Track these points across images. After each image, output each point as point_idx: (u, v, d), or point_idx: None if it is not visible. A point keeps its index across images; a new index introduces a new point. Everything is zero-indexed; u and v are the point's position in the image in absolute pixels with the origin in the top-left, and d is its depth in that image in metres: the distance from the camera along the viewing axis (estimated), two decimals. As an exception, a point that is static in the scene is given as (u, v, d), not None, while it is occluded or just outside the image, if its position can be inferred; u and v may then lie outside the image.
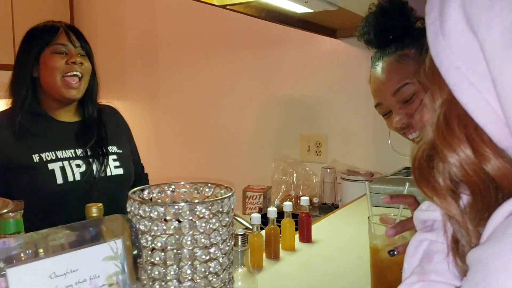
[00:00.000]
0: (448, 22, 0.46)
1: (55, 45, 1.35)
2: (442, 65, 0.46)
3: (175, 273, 0.67)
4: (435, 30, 0.47)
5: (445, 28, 0.46)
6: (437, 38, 0.47)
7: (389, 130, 1.16)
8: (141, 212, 0.67)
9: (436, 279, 0.54)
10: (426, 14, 0.50)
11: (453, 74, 0.45)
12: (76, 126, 1.45)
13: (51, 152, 1.35)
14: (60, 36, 1.36)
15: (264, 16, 1.74)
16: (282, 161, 2.33)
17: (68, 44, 1.36)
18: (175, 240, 0.66)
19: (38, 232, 0.58)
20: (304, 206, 1.34)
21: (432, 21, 0.48)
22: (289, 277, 1.13)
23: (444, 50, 0.46)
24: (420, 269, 0.56)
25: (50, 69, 1.34)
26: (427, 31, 0.49)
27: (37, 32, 1.37)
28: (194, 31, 2.64)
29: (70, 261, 0.58)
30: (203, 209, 0.67)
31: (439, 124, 0.47)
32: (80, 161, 1.38)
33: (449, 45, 0.46)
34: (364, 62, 2.25)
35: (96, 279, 0.60)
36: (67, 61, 1.35)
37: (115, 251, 0.63)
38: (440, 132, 0.47)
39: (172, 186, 0.80)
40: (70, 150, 1.38)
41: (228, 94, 2.58)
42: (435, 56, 0.47)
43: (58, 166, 1.34)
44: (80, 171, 1.36)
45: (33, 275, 0.54)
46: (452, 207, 0.48)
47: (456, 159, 0.46)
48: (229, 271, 0.73)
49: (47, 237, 0.59)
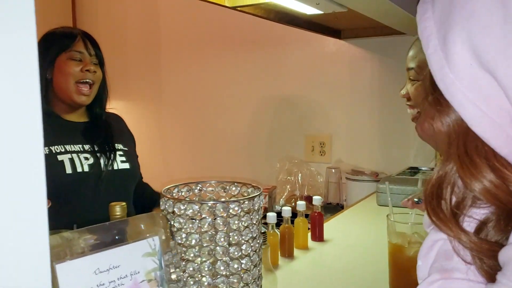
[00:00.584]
0: (454, 56, 0.47)
1: (72, 52, 1.39)
2: (454, 99, 0.48)
3: (208, 269, 0.68)
4: (439, 61, 0.48)
5: (452, 61, 0.47)
6: (443, 70, 0.48)
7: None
8: (175, 210, 0.68)
9: (459, 277, 0.56)
10: (422, 40, 0.51)
11: (470, 109, 0.47)
12: (83, 126, 1.48)
13: (60, 145, 1.38)
14: (77, 43, 1.40)
15: (273, 18, 1.76)
16: (287, 161, 2.35)
17: (84, 51, 1.40)
18: (209, 237, 0.68)
19: (61, 234, 0.60)
20: (316, 205, 1.36)
21: (432, 51, 0.49)
22: (306, 275, 1.15)
23: (454, 84, 0.47)
24: (440, 267, 0.58)
25: (65, 75, 1.38)
26: (429, 59, 0.50)
27: (55, 37, 1.41)
28: (197, 31, 2.66)
29: (113, 258, 0.59)
30: (236, 207, 0.69)
31: (463, 160, 0.50)
32: (88, 154, 1.41)
33: (460, 79, 0.47)
34: (368, 62, 2.28)
35: (136, 275, 0.61)
36: (81, 69, 1.39)
37: (153, 247, 0.64)
38: (465, 167, 0.49)
39: (200, 185, 0.82)
40: (78, 145, 1.42)
41: (232, 94, 2.59)
42: (444, 88, 0.49)
43: (67, 158, 1.37)
44: (88, 163, 1.40)
45: (80, 270, 0.56)
46: (462, 237, 0.52)
47: (481, 187, 0.49)
48: (259, 267, 0.74)
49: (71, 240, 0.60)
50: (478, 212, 0.54)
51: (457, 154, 0.51)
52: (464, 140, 0.50)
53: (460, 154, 0.51)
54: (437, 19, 0.50)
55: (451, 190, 0.54)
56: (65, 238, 0.59)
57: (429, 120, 0.55)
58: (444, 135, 0.53)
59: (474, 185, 0.50)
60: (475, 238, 0.52)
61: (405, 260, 0.91)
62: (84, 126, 1.48)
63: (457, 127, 0.51)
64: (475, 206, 0.54)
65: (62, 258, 0.56)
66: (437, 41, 0.50)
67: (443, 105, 0.51)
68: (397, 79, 2.21)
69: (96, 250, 0.59)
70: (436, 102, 0.52)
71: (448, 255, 0.58)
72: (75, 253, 0.58)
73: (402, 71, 2.20)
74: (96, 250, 0.59)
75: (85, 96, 1.41)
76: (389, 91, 2.25)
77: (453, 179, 0.53)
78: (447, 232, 0.54)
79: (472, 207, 0.54)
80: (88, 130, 1.47)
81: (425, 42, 0.51)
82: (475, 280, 0.54)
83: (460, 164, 0.51)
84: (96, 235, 0.61)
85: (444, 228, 0.54)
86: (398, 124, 2.24)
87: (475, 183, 0.50)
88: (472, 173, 0.49)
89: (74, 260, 0.55)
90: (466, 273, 0.55)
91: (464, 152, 0.50)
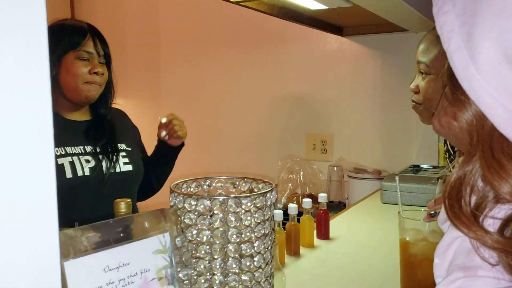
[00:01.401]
0: (481, 55, 0.45)
1: (81, 51, 1.34)
2: (481, 100, 0.46)
3: (220, 267, 0.66)
4: (463, 59, 0.46)
5: (478, 60, 0.45)
6: (468, 70, 0.46)
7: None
8: (186, 206, 0.66)
9: (484, 274, 0.53)
10: (442, 36, 0.48)
11: (499, 111, 0.45)
12: (85, 125, 1.44)
13: (60, 147, 1.34)
14: (87, 42, 1.35)
15: (276, 13, 1.74)
16: (288, 159, 2.33)
17: (93, 52, 1.36)
18: (221, 234, 0.66)
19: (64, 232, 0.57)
20: (322, 203, 1.34)
21: (455, 48, 0.47)
22: (313, 274, 1.12)
23: (481, 85, 0.45)
24: (462, 264, 0.56)
25: (73, 75, 1.34)
26: (451, 58, 0.47)
27: (64, 32, 1.35)
28: (197, 28, 2.63)
29: (122, 255, 0.57)
30: (249, 203, 0.67)
31: (490, 163, 0.48)
32: (90, 157, 1.37)
33: (487, 80, 0.45)
34: (370, 60, 2.26)
35: (147, 272, 0.59)
36: (90, 70, 1.35)
37: (163, 244, 0.62)
38: (493, 170, 0.48)
39: (209, 180, 0.79)
40: (79, 146, 1.38)
41: (232, 92, 2.57)
42: (469, 88, 0.46)
43: (68, 161, 1.33)
44: (89, 166, 1.36)
45: (89, 267, 0.53)
46: (486, 238, 0.50)
47: (509, 188, 0.47)
48: (271, 265, 0.72)
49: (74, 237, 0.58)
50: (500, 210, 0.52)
51: (483, 157, 0.49)
52: (489, 142, 0.48)
53: (486, 157, 0.49)
54: (459, 13, 0.48)
55: (471, 191, 0.52)
56: (68, 236, 0.57)
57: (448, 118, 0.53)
58: (465, 133, 0.51)
59: (503, 187, 0.48)
60: (500, 237, 0.50)
61: (417, 258, 0.89)
62: (87, 126, 1.44)
63: (481, 127, 0.49)
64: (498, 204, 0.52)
65: (66, 256, 0.54)
66: (460, 37, 0.47)
67: (465, 104, 0.49)
68: (400, 77, 2.19)
69: (104, 247, 0.56)
70: (457, 100, 0.50)
71: (470, 252, 0.56)
72: (78, 251, 0.56)
73: (405, 69, 2.19)
74: (104, 247, 0.56)
75: (92, 96, 1.38)
76: (391, 88, 2.23)
77: (473, 180, 0.52)
78: (469, 235, 0.52)
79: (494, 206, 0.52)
80: (91, 130, 1.43)
81: (445, 38, 0.49)
82: (501, 278, 0.52)
83: (487, 168, 0.49)
84: (100, 233, 0.59)
85: (466, 231, 0.52)
86: (400, 122, 2.22)
87: (504, 186, 0.48)
88: (501, 176, 0.48)
89: (82, 257, 0.53)
90: (491, 270, 0.53)
91: (490, 155, 0.48)
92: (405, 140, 2.22)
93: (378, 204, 1.76)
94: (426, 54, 1.07)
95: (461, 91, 0.48)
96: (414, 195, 1.69)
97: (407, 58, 2.16)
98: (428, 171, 2.05)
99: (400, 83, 2.19)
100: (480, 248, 0.52)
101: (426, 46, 1.08)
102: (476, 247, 0.52)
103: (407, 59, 2.16)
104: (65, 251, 0.55)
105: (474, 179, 0.51)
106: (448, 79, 0.52)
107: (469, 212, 0.52)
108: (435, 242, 0.88)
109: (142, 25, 2.79)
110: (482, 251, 0.52)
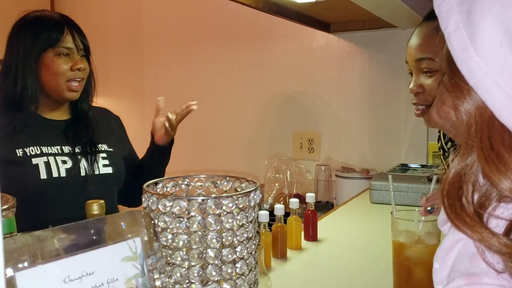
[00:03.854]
0: (481, 35, 0.41)
1: (60, 48, 1.27)
2: (480, 84, 0.42)
3: (199, 274, 0.60)
4: (462, 41, 0.42)
5: (478, 41, 0.41)
6: (467, 52, 0.42)
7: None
8: (160, 207, 0.60)
9: (489, 282, 0.48)
10: (439, 16, 0.45)
11: (499, 96, 0.41)
12: (64, 124, 1.37)
13: (36, 147, 1.27)
14: (66, 38, 1.28)
15: (262, 7, 1.68)
16: (275, 159, 2.27)
17: (73, 47, 1.29)
18: (199, 238, 0.59)
19: (32, 234, 0.51)
20: (310, 203, 1.28)
21: (453, 28, 0.43)
22: (300, 277, 1.07)
23: (480, 67, 0.41)
24: (465, 270, 0.50)
25: (54, 73, 1.28)
26: (448, 39, 0.43)
27: (41, 29, 1.28)
28: (182, 24, 2.56)
29: (86, 262, 0.50)
30: (230, 203, 0.60)
31: (488, 156, 0.43)
32: (66, 157, 1.30)
33: (487, 62, 0.41)
34: (358, 57, 2.21)
35: (114, 282, 0.53)
36: (72, 67, 1.29)
37: (134, 250, 0.55)
38: (491, 164, 0.43)
39: (187, 179, 0.73)
40: (56, 146, 1.30)
41: (217, 89, 2.50)
42: (467, 72, 0.42)
43: (43, 161, 1.26)
44: (66, 167, 1.28)
45: (45, 279, 0.47)
46: (492, 240, 0.45)
47: (509, 184, 0.43)
48: (255, 272, 0.66)
49: (43, 240, 0.51)
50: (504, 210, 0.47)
51: (481, 149, 0.44)
52: (488, 132, 0.44)
53: (484, 148, 0.44)
54: None
55: (473, 187, 0.47)
56: (36, 238, 0.50)
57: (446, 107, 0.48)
58: (464, 124, 0.45)
59: (503, 183, 0.43)
60: (507, 240, 0.45)
61: (411, 261, 0.84)
62: (66, 125, 1.36)
63: (479, 116, 0.44)
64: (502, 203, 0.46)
65: (32, 261, 0.47)
66: (459, 16, 0.43)
67: (463, 90, 0.45)
68: (388, 74, 2.15)
69: (66, 254, 0.50)
70: (455, 86, 0.45)
71: (474, 256, 0.50)
72: (47, 255, 0.49)
73: (393, 66, 2.15)
74: (66, 254, 0.50)
75: (76, 92, 1.32)
76: (379, 86, 2.19)
77: (474, 175, 0.46)
78: (473, 237, 0.47)
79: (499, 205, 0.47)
80: (70, 129, 1.36)
81: (444, 18, 0.44)
82: (508, 287, 0.47)
83: (485, 160, 0.44)
84: (71, 235, 0.52)
85: (470, 232, 0.47)
86: (388, 120, 2.17)
87: (504, 181, 0.43)
88: (500, 170, 0.43)
89: (38, 267, 0.46)
90: (497, 277, 0.48)
91: (489, 146, 0.44)
92: (393, 139, 2.18)
93: (367, 203, 1.71)
94: (426, 48, 0.97)
95: (459, 75, 0.44)
96: (404, 194, 1.64)
97: (395, 55, 2.12)
98: (417, 170, 2.01)
99: (388, 80, 2.15)
100: (486, 252, 0.47)
101: (421, 40, 1.00)
102: (481, 251, 0.47)
103: (395, 56, 2.12)
104: (33, 255, 0.48)
105: (476, 174, 0.46)
106: (446, 63, 0.47)
107: (472, 211, 0.47)
108: (431, 245, 0.83)
109: (125, 22, 2.71)
110: (487, 255, 0.47)
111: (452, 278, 0.51)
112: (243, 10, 2.00)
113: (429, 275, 0.68)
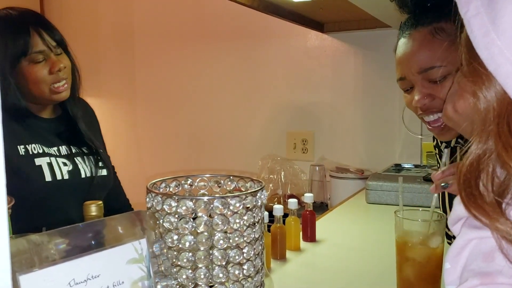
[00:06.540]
0: (504, 19, 0.40)
1: (32, 55, 1.19)
2: (501, 69, 0.41)
3: (205, 276, 0.58)
4: (483, 25, 0.41)
5: (500, 25, 0.40)
6: (488, 36, 0.41)
7: (404, 107, 1.05)
8: (165, 208, 0.58)
9: (504, 281, 0.47)
10: (459, 3, 0.44)
11: None
12: (56, 123, 1.32)
13: (38, 145, 1.22)
14: (34, 41, 1.19)
15: (256, 6, 1.67)
16: (269, 159, 2.26)
17: (45, 49, 1.21)
18: (206, 239, 0.58)
19: (36, 236, 0.49)
20: (308, 203, 1.27)
21: (474, 13, 0.42)
22: (300, 279, 1.05)
23: (502, 53, 0.40)
24: (478, 269, 0.49)
25: (34, 82, 1.21)
26: (469, 23, 0.42)
27: (5, 37, 1.17)
28: (174, 23, 2.53)
29: (91, 265, 0.48)
30: (237, 203, 0.59)
31: (506, 142, 0.42)
32: (65, 159, 1.26)
33: (509, 47, 0.40)
34: (351, 57, 2.20)
35: (120, 285, 0.51)
36: (51, 71, 1.21)
37: (139, 252, 0.53)
38: (510, 150, 0.42)
39: (190, 179, 0.71)
40: (53, 148, 1.26)
41: (210, 89, 2.48)
42: (488, 57, 0.41)
43: (46, 162, 1.22)
44: (68, 169, 1.25)
45: (50, 282, 0.45)
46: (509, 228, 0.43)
47: None
48: (261, 273, 0.65)
49: (47, 243, 0.49)
50: None
51: (498, 135, 0.43)
52: (507, 118, 0.42)
53: (502, 135, 0.43)
54: None
55: (492, 173, 0.45)
56: (32, 242, 0.48)
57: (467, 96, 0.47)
58: (482, 111, 0.44)
59: None
60: None
61: (416, 261, 0.83)
62: (58, 124, 1.32)
63: (498, 103, 0.43)
64: None
65: (29, 267, 0.45)
66: (480, 1, 0.42)
67: (482, 76, 0.43)
68: (382, 74, 2.15)
69: (71, 256, 0.48)
70: (473, 73, 0.44)
71: (488, 256, 0.49)
72: (44, 260, 0.47)
73: (387, 66, 2.14)
74: (71, 256, 0.48)
75: (64, 92, 1.25)
76: (373, 86, 2.18)
77: (491, 163, 0.45)
78: (492, 226, 0.45)
79: None
80: (63, 129, 1.32)
81: (463, 3, 0.43)
82: None
83: (503, 147, 0.43)
84: (68, 239, 0.50)
85: (489, 222, 0.45)
86: (382, 120, 2.17)
87: None
88: None
89: (43, 270, 0.44)
90: None
91: (508, 131, 0.42)
92: (387, 139, 2.17)
93: (363, 204, 1.71)
94: (429, 57, 0.88)
95: (478, 61, 0.43)
96: (398, 194, 1.63)
97: (389, 55, 2.10)
98: (411, 170, 2.01)
99: (382, 80, 2.15)
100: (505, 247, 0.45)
101: (423, 50, 0.90)
102: (501, 245, 0.46)
103: (389, 56, 2.10)
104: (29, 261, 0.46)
105: (493, 163, 0.45)
106: (465, 49, 0.46)
107: (491, 200, 0.45)
108: (438, 246, 0.82)
109: (115, 20, 2.68)
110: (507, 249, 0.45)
111: (464, 279, 0.49)
112: (236, 9, 1.99)
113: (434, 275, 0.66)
